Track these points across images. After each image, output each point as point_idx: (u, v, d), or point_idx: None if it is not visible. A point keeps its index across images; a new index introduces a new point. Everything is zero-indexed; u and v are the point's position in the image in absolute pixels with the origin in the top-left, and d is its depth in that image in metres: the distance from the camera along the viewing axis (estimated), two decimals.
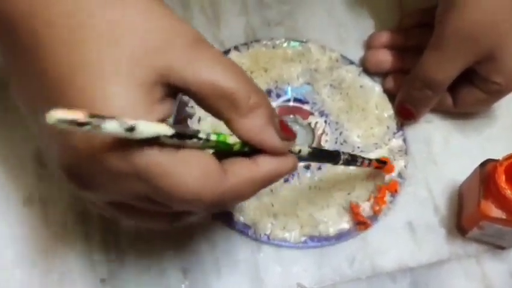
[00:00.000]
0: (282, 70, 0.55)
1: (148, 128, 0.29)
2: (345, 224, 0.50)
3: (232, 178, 0.33)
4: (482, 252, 0.51)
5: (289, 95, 0.55)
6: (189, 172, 0.31)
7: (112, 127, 0.27)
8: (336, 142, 0.53)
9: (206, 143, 0.32)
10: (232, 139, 0.34)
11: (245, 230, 0.49)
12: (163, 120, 0.32)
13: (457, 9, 0.48)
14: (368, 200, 0.51)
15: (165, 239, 0.48)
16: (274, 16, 0.59)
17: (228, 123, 0.34)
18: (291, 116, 0.54)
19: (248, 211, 0.49)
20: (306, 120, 0.54)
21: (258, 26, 0.58)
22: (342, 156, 0.43)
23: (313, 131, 0.54)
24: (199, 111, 0.52)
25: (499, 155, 0.47)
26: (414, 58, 0.52)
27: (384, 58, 0.56)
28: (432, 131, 0.55)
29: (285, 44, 0.57)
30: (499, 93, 0.51)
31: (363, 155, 0.52)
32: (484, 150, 0.54)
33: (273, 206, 0.49)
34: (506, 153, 0.46)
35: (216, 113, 0.34)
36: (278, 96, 0.55)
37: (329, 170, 0.52)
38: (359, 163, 0.46)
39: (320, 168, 0.52)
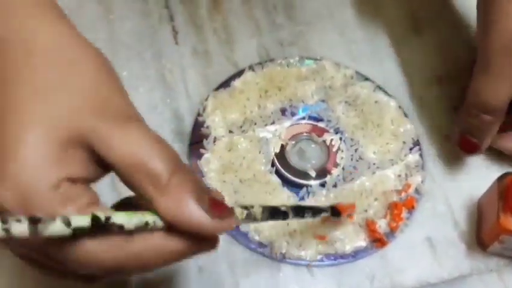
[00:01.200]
0: (297, 88, 0.56)
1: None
2: (362, 242, 0.50)
3: (137, 244, 0.32)
4: (503, 267, 0.50)
5: (304, 113, 0.55)
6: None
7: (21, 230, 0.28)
8: (351, 159, 0.53)
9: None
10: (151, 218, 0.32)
11: (261, 249, 0.49)
12: (69, 179, 0.32)
13: (495, 25, 0.46)
14: (385, 216, 0.51)
15: (185, 262, 0.48)
16: (287, 36, 0.59)
17: (150, 201, 0.32)
18: (305, 134, 0.54)
19: (264, 230, 0.49)
20: (321, 138, 0.54)
21: (271, 46, 0.58)
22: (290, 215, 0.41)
23: (328, 148, 0.54)
24: (214, 132, 0.53)
25: None
26: None
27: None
28: (449, 145, 0.55)
29: (299, 63, 0.57)
30: None
31: (379, 171, 0.53)
32: (501, 163, 0.54)
33: (288, 224, 0.49)
34: None
35: (137, 189, 0.33)
36: (293, 114, 0.55)
37: (344, 187, 0.52)
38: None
39: (335, 185, 0.52)
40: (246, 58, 0.58)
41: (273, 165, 0.52)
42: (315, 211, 0.45)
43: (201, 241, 0.33)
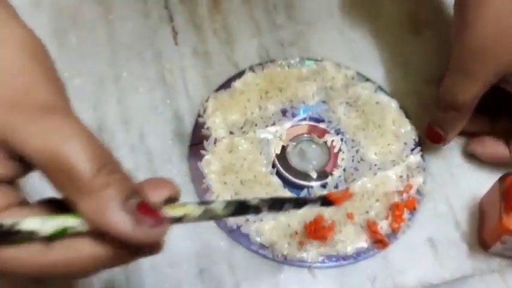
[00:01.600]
0: (297, 89, 0.55)
1: None
2: (363, 243, 0.50)
3: (57, 252, 0.29)
4: (505, 267, 0.50)
5: (305, 113, 0.55)
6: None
7: None
8: (352, 160, 0.53)
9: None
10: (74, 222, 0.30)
11: (262, 251, 0.49)
12: None
13: (470, 27, 0.47)
14: (386, 218, 0.51)
15: (185, 263, 0.48)
16: (287, 36, 0.59)
17: (69, 202, 0.29)
18: (306, 135, 0.54)
19: (265, 232, 0.49)
20: (322, 139, 0.54)
21: (271, 46, 0.58)
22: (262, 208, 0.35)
23: (329, 149, 0.53)
24: (215, 133, 0.53)
25: None
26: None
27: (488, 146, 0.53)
28: (450, 145, 0.54)
29: (299, 63, 0.57)
30: None
31: (380, 172, 0.52)
32: None
33: (289, 226, 0.49)
34: None
35: (58, 188, 0.29)
36: (293, 115, 0.54)
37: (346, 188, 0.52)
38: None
39: (336, 187, 0.52)
40: (246, 58, 0.57)
41: (273, 166, 0.52)
42: (298, 203, 0.38)
43: (135, 248, 0.30)
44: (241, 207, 0.34)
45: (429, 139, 0.53)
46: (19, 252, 0.29)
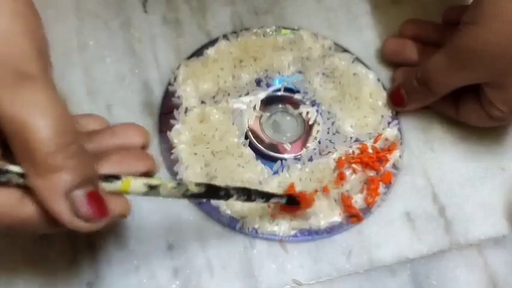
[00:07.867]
0: (272, 59, 0.54)
1: None
2: (337, 217, 0.48)
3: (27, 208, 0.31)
4: (483, 241, 0.49)
5: (280, 84, 0.53)
6: None
7: None
8: (328, 132, 0.51)
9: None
10: None
11: (232, 224, 0.47)
12: None
13: (476, 27, 0.45)
14: (361, 192, 0.49)
15: (154, 238, 0.47)
16: (262, 4, 0.57)
17: (26, 174, 0.31)
18: (281, 106, 0.52)
19: (236, 205, 0.47)
20: (297, 110, 0.52)
21: (245, 14, 0.56)
22: (233, 195, 0.40)
23: (304, 121, 0.52)
24: (186, 102, 0.51)
25: None
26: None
27: (402, 49, 0.54)
28: (429, 117, 0.53)
29: (275, 32, 0.55)
30: (501, 120, 0.49)
31: (356, 145, 0.51)
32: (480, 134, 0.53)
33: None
34: None
35: (18, 159, 0.30)
36: (268, 85, 0.53)
37: (320, 161, 0.50)
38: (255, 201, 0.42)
39: (310, 159, 0.50)
40: (219, 27, 0.55)
41: (246, 137, 0.50)
42: (265, 195, 0.43)
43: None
44: (212, 190, 0.39)
45: (391, 99, 0.53)
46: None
